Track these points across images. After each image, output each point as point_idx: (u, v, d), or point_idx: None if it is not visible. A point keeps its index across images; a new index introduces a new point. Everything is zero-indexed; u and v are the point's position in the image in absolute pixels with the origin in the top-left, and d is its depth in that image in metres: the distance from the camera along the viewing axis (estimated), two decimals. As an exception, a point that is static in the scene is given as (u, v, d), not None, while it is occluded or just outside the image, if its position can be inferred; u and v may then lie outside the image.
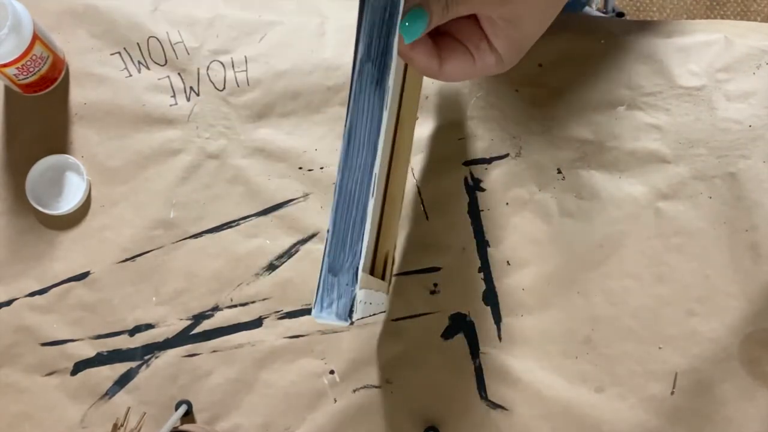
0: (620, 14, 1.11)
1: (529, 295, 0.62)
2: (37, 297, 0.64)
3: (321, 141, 0.65)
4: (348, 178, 0.39)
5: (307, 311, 0.63)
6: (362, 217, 0.38)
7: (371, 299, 0.47)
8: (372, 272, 0.55)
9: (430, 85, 0.65)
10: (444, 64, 0.43)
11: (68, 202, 0.65)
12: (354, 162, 0.39)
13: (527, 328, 0.62)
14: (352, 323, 0.38)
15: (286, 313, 0.63)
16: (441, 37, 0.43)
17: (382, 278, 0.56)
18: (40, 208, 0.64)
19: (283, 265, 0.64)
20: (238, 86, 0.66)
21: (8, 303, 0.64)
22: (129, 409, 0.62)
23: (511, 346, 0.62)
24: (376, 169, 0.39)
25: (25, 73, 0.62)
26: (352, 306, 0.38)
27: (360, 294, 0.39)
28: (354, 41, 0.40)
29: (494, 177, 0.64)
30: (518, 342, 0.62)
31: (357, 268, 0.38)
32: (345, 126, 0.39)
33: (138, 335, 0.64)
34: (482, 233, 0.64)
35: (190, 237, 0.65)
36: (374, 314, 0.52)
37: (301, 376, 0.63)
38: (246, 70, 0.66)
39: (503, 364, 0.62)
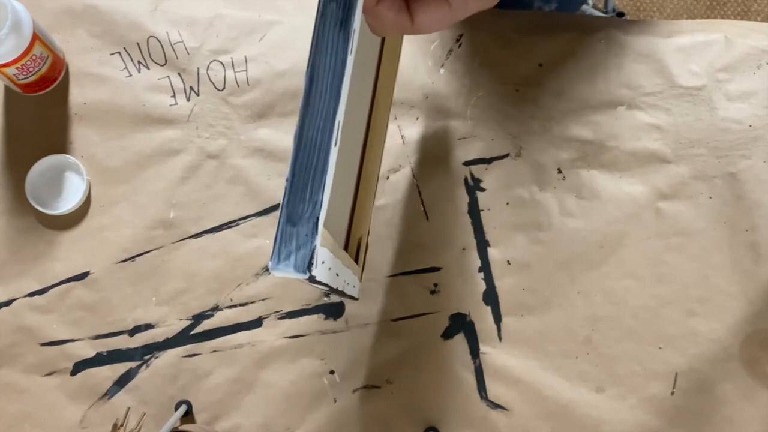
0: (620, 14, 1.11)
1: (529, 295, 0.62)
2: (36, 297, 0.64)
3: (321, 141, 0.65)
4: (309, 124, 0.36)
5: (307, 311, 0.63)
6: (324, 165, 0.36)
7: (342, 273, 0.45)
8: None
9: (429, 85, 0.65)
10: (416, 16, 0.39)
11: (68, 202, 0.64)
12: (316, 108, 0.37)
13: (527, 328, 0.62)
14: (311, 278, 0.36)
15: (286, 313, 0.63)
16: None
17: (355, 262, 0.55)
18: (39, 208, 0.64)
19: (283, 265, 0.64)
20: (238, 86, 0.66)
21: (8, 303, 0.64)
22: (129, 409, 0.62)
23: (511, 346, 0.62)
24: (339, 116, 0.37)
25: (25, 73, 0.62)
26: (311, 258, 0.35)
27: (323, 252, 0.37)
28: None
29: (494, 177, 0.64)
30: (518, 342, 0.62)
31: (317, 219, 0.35)
32: (307, 70, 0.37)
33: (138, 335, 0.64)
34: (482, 233, 0.63)
35: (190, 237, 0.65)
36: (345, 294, 0.50)
37: (301, 376, 0.63)
38: (246, 70, 0.66)
39: (503, 364, 0.62)
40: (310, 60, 0.37)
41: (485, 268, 0.63)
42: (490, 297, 0.63)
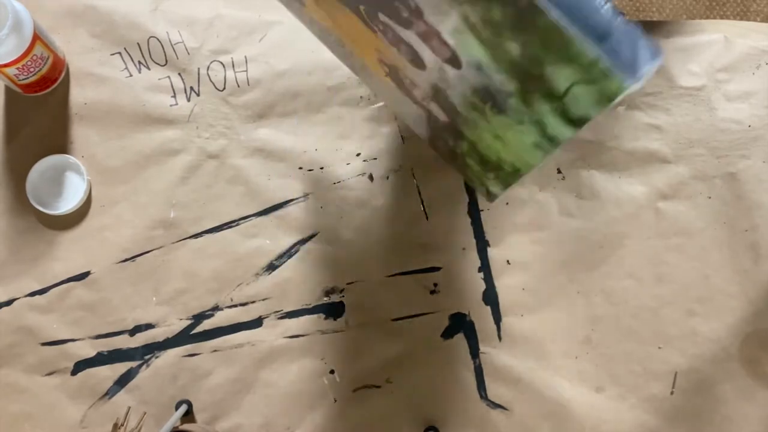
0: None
1: (529, 295, 0.62)
2: (37, 297, 0.64)
3: (321, 141, 0.65)
4: None
5: (307, 311, 0.63)
6: None
7: None
8: None
9: (430, 85, 0.65)
10: None
11: (68, 202, 0.65)
12: None
13: (527, 328, 0.62)
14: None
15: (286, 313, 0.63)
16: None
17: None
18: (40, 208, 0.64)
19: (283, 265, 0.64)
20: (238, 86, 0.66)
21: (8, 303, 0.64)
22: (129, 408, 0.62)
23: (511, 346, 0.62)
24: None
25: (25, 74, 0.62)
26: (645, 42, 0.32)
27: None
28: None
29: (494, 177, 0.64)
30: (518, 342, 0.62)
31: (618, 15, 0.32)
32: None
33: (138, 335, 0.64)
34: (482, 233, 0.64)
35: (190, 237, 0.65)
36: None
37: (301, 376, 0.63)
38: (246, 70, 0.66)
39: (503, 364, 0.62)
40: None
41: (485, 268, 0.63)
42: (490, 297, 0.63)
